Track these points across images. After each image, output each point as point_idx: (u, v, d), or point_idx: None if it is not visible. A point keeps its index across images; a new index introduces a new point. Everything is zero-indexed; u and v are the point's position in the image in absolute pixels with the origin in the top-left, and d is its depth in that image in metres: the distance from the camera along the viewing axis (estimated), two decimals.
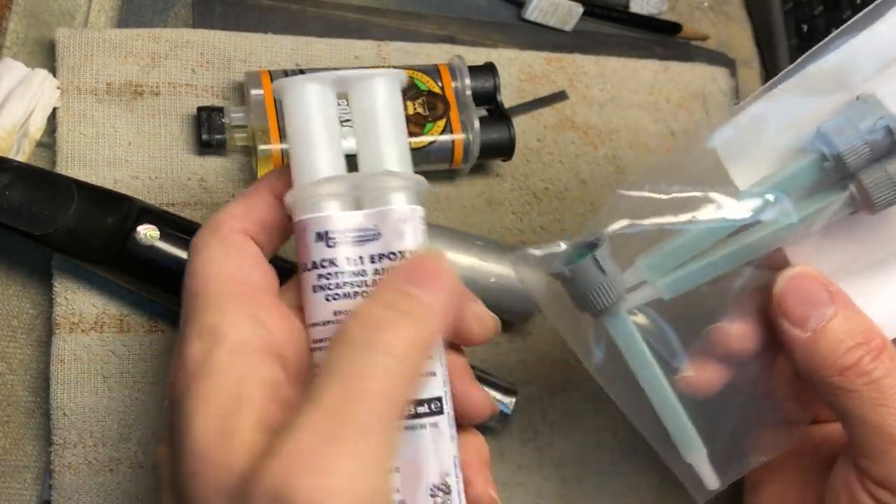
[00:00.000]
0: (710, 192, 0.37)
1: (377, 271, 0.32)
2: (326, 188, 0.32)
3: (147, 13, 0.52)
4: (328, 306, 0.31)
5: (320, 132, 0.33)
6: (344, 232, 0.32)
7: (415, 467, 0.31)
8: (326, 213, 0.32)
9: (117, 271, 0.43)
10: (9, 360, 0.45)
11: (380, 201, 0.32)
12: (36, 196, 0.41)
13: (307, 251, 0.32)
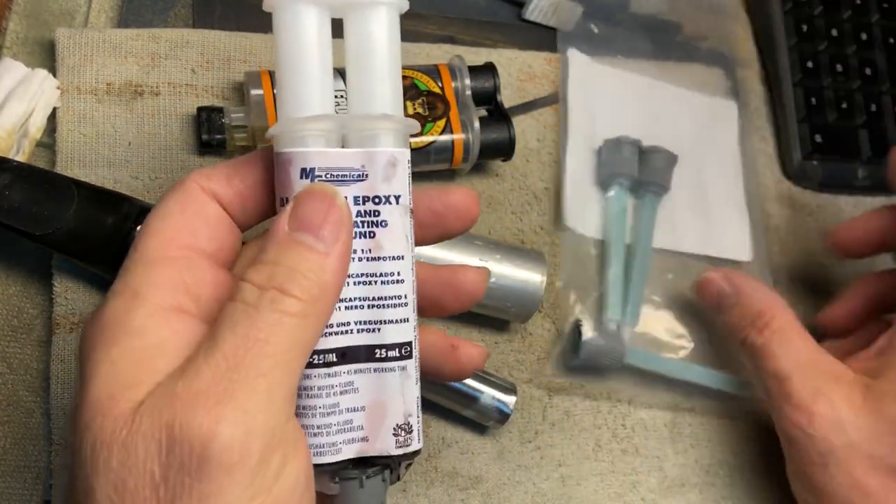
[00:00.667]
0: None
1: (360, 213, 0.31)
2: (316, 125, 0.31)
3: (147, 13, 0.52)
4: None
5: (313, 59, 0.31)
6: (329, 170, 0.31)
7: (381, 407, 0.31)
8: (313, 148, 0.31)
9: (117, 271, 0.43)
10: (9, 360, 0.45)
11: (368, 141, 0.31)
12: (36, 196, 0.41)
13: (289, 187, 0.31)
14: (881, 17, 0.65)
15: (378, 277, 0.31)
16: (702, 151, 0.58)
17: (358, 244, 0.31)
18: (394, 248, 0.31)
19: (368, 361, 0.31)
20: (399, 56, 0.33)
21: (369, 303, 0.31)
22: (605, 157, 0.55)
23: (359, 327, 0.31)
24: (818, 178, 0.61)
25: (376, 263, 0.31)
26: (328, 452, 0.30)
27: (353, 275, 0.31)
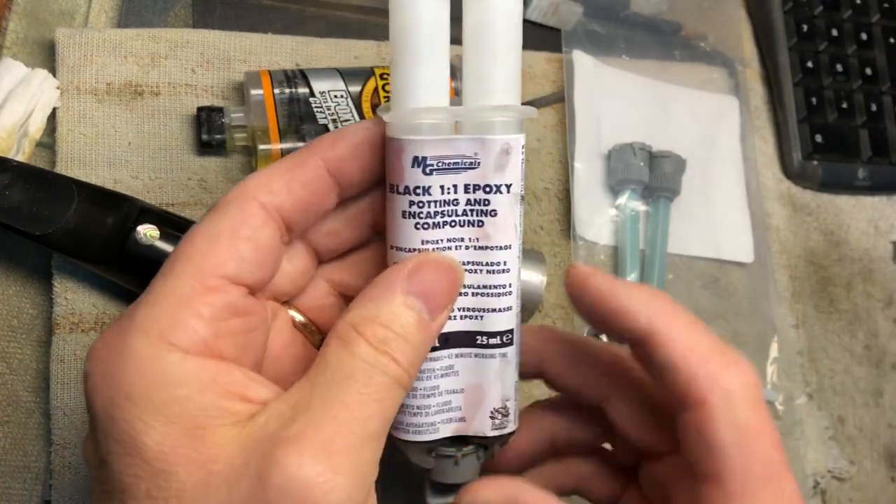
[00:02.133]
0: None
1: (469, 201, 0.31)
2: (431, 115, 0.30)
3: (147, 13, 0.52)
4: (416, 234, 0.31)
5: (430, 44, 0.30)
6: (441, 158, 0.30)
7: (479, 391, 0.32)
8: (426, 136, 0.30)
9: (117, 271, 0.43)
10: (9, 361, 0.45)
11: (483, 129, 0.30)
12: (36, 196, 0.41)
13: (401, 174, 0.30)
14: (881, 17, 0.65)
15: (483, 266, 0.31)
16: (705, 152, 0.58)
17: (465, 232, 0.31)
18: (501, 238, 0.31)
19: (470, 347, 0.32)
20: (520, 39, 0.31)
21: (473, 290, 0.32)
22: (615, 162, 0.55)
23: (462, 314, 0.32)
24: (818, 178, 0.61)
25: (483, 252, 0.31)
26: (426, 432, 0.32)
27: (462, 262, 0.31)
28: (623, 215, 0.54)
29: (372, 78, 0.49)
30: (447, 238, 0.31)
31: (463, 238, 0.31)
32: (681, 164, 0.55)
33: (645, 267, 0.54)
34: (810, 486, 0.54)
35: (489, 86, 0.31)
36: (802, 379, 0.57)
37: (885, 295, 0.61)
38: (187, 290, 0.28)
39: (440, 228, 0.31)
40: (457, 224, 0.31)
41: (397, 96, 0.30)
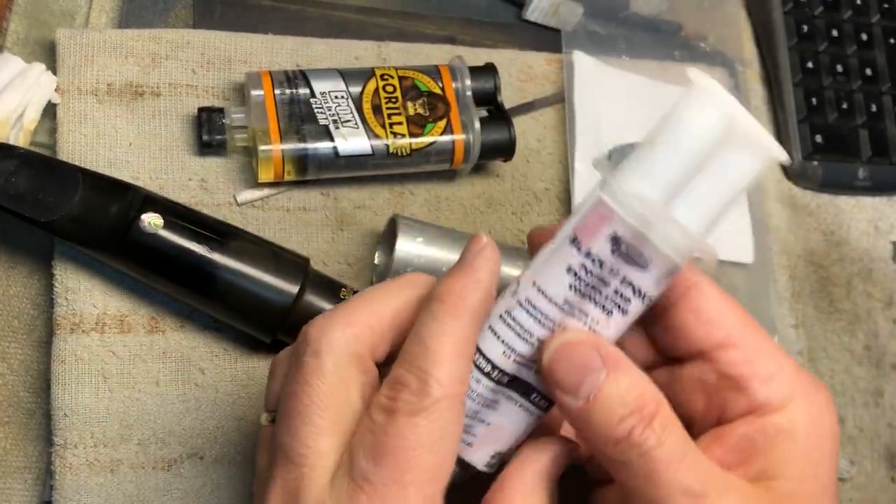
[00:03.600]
0: None
1: (616, 291, 0.32)
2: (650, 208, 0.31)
3: (147, 14, 0.52)
4: (566, 292, 0.32)
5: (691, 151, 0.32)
6: (629, 247, 0.31)
7: (499, 432, 0.33)
8: (635, 223, 0.31)
9: (121, 259, 0.43)
10: (10, 361, 0.45)
11: (671, 244, 0.31)
12: (41, 183, 0.41)
13: (592, 237, 0.31)
14: (881, 17, 0.65)
15: None
16: None
17: (595, 312, 0.32)
18: (612, 332, 0.32)
19: (523, 397, 0.33)
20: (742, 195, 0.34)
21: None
22: (615, 163, 0.54)
23: (536, 367, 0.32)
24: (818, 178, 0.61)
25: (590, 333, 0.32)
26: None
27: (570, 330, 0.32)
28: None
29: (372, 78, 0.49)
30: (580, 308, 0.32)
31: (588, 315, 0.32)
32: None
33: None
34: None
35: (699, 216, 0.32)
36: None
37: (885, 295, 0.61)
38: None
39: (583, 298, 0.32)
40: (595, 303, 0.32)
41: (631, 168, 0.32)
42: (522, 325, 0.32)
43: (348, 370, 0.31)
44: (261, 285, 0.43)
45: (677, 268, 0.32)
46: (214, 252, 0.42)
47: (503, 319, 0.32)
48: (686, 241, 0.31)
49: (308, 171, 0.48)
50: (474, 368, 0.32)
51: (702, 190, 0.32)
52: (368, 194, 0.51)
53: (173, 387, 0.45)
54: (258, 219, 0.48)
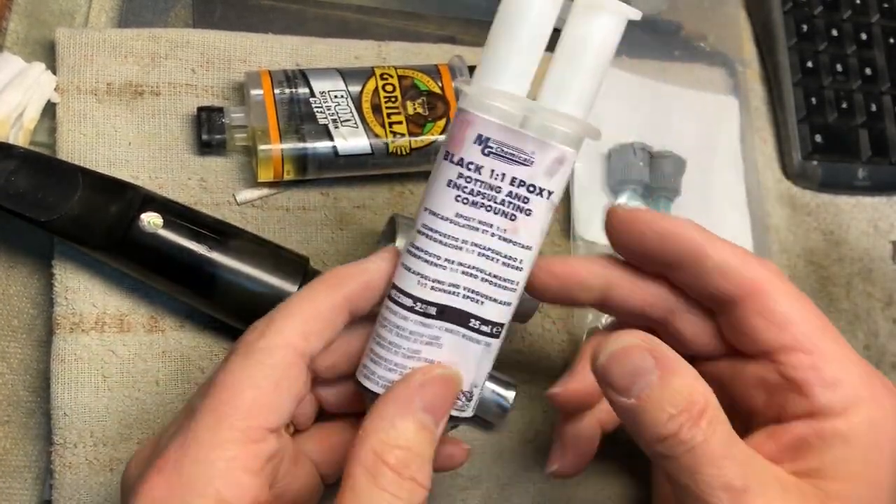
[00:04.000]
0: None
1: (511, 194, 0.32)
2: (508, 102, 0.32)
3: (147, 13, 0.52)
4: (454, 206, 0.32)
5: (530, 36, 0.32)
6: (501, 145, 0.32)
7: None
8: (497, 120, 0.32)
9: (121, 259, 0.43)
10: (9, 360, 0.45)
11: (547, 133, 0.32)
12: (41, 182, 0.41)
13: (461, 146, 0.32)
14: (881, 17, 0.65)
15: (501, 257, 0.33)
16: (705, 153, 0.58)
17: (497, 220, 0.33)
18: (527, 238, 0.33)
19: (461, 326, 0.33)
20: (608, 65, 0.33)
21: (483, 276, 0.33)
22: (615, 162, 0.55)
23: (465, 293, 0.33)
24: (818, 178, 0.61)
25: (505, 244, 0.33)
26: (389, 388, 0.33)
27: (481, 246, 0.33)
28: None
29: (372, 78, 0.49)
30: (478, 219, 0.32)
31: (492, 224, 0.33)
32: (681, 165, 0.55)
33: None
34: None
35: (565, 96, 0.32)
36: None
37: (885, 295, 0.61)
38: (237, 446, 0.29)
39: (476, 208, 0.32)
40: (491, 210, 0.32)
41: (482, 72, 0.32)
42: (427, 250, 0.33)
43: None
44: (260, 284, 0.43)
45: (565, 154, 0.32)
46: (214, 251, 0.43)
47: (410, 252, 0.33)
48: (557, 123, 0.32)
49: (308, 171, 0.48)
50: (396, 305, 0.33)
51: (562, 69, 0.32)
52: (368, 194, 0.51)
53: (173, 386, 0.45)
54: (258, 218, 0.48)
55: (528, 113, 0.32)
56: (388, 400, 0.32)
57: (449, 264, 0.33)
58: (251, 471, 0.30)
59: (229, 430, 0.29)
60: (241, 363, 0.31)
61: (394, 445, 0.30)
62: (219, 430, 0.29)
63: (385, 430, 0.31)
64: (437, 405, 0.32)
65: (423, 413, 0.31)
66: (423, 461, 0.31)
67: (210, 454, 0.29)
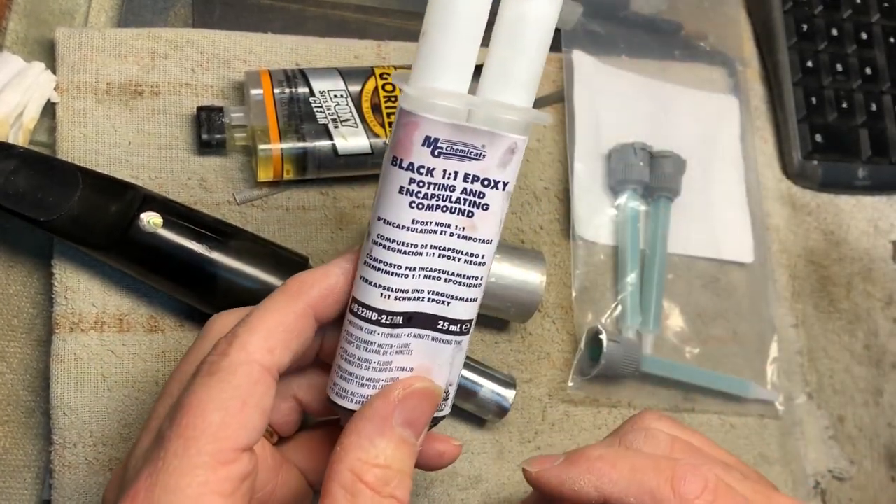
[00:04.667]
0: None
1: (465, 191, 0.31)
2: (452, 100, 0.30)
3: (147, 13, 0.52)
4: (409, 213, 0.31)
5: (468, 27, 0.30)
6: (452, 144, 0.31)
7: (427, 373, 0.33)
8: (444, 119, 0.30)
9: (120, 258, 0.43)
10: (9, 360, 0.45)
11: (493, 123, 0.31)
12: (41, 182, 0.41)
13: (409, 150, 0.30)
14: (881, 16, 0.65)
15: (463, 255, 0.32)
16: (706, 152, 0.58)
17: (454, 220, 0.32)
18: (486, 232, 0.32)
19: (430, 330, 0.33)
20: (548, 46, 0.32)
21: (447, 277, 0.32)
22: (615, 162, 0.55)
23: (430, 297, 0.32)
24: (818, 177, 0.61)
25: (466, 242, 0.32)
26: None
27: (441, 247, 0.32)
28: (623, 215, 0.54)
29: (372, 78, 0.49)
30: (436, 221, 0.31)
31: (450, 224, 0.32)
32: (681, 165, 0.55)
33: (644, 267, 0.54)
34: (811, 487, 0.54)
35: (509, 83, 0.31)
36: (802, 378, 0.57)
37: (885, 294, 0.61)
38: (208, 471, 0.28)
39: (432, 211, 0.31)
40: (447, 210, 0.31)
41: (421, 70, 0.30)
42: (386, 261, 0.31)
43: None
44: (260, 284, 0.43)
45: (516, 142, 0.31)
46: (214, 251, 0.42)
47: (367, 263, 0.32)
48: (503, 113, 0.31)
49: (307, 171, 0.48)
50: (360, 320, 0.32)
51: (500, 57, 0.31)
52: (368, 193, 0.51)
53: None
54: (257, 218, 0.48)
55: (473, 107, 0.31)
56: (365, 417, 0.31)
57: (411, 272, 0.31)
58: (224, 494, 0.28)
59: (198, 455, 0.28)
60: (205, 384, 0.29)
61: (373, 465, 0.30)
62: (187, 455, 0.28)
63: (364, 448, 0.30)
64: (417, 418, 0.32)
65: (402, 428, 0.31)
66: (403, 476, 0.31)
67: (180, 481, 0.28)
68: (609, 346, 0.49)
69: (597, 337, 0.50)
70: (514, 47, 0.31)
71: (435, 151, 0.30)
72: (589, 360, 0.50)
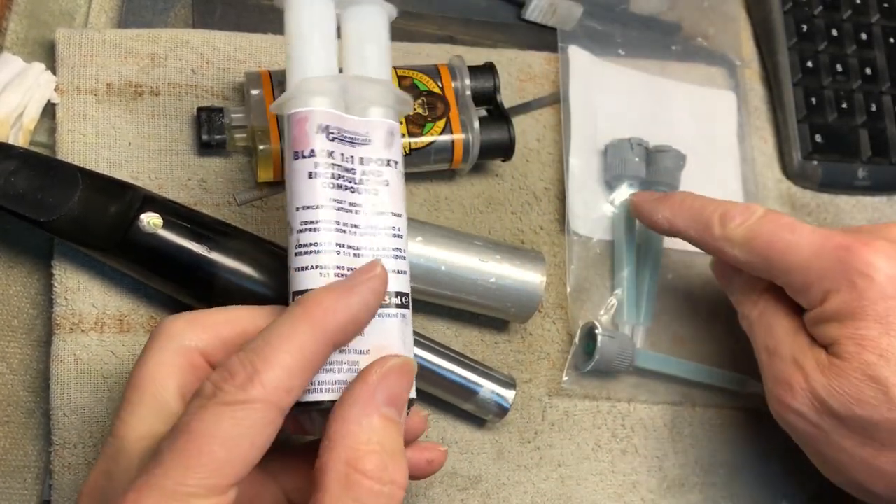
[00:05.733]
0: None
1: (365, 172, 0.35)
2: (329, 85, 0.35)
3: (147, 13, 0.52)
4: (323, 192, 0.34)
5: (321, 36, 0.35)
6: (341, 131, 0.35)
7: (384, 351, 0.34)
8: (330, 109, 0.34)
9: (120, 259, 0.43)
10: (9, 360, 0.45)
11: (368, 112, 0.36)
12: (41, 183, 0.41)
13: (307, 140, 0.34)
14: (881, 17, 0.65)
15: (382, 230, 0.35)
16: (703, 148, 0.58)
17: (366, 199, 0.35)
18: (395, 206, 0.35)
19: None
20: (388, 48, 0.37)
21: (375, 252, 0.34)
22: (611, 157, 0.55)
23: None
24: (818, 178, 0.61)
25: (381, 217, 0.35)
26: (335, 390, 0.33)
27: (361, 226, 0.35)
28: (619, 210, 0.54)
29: None
30: (349, 202, 0.34)
31: (362, 204, 0.35)
32: (680, 159, 0.55)
33: (639, 261, 0.54)
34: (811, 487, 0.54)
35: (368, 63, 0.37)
36: None
37: None
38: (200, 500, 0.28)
39: (343, 191, 0.34)
40: (356, 191, 0.35)
41: (292, 76, 0.35)
42: (316, 241, 0.33)
43: (171, 357, 0.32)
44: (260, 285, 0.43)
45: (393, 127, 0.36)
46: (214, 252, 0.43)
47: (297, 253, 0.33)
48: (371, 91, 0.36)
49: None
50: None
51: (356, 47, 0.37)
52: None
53: None
54: (258, 218, 0.49)
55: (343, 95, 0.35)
56: (348, 402, 0.31)
57: (340, 248, 0.33)
58: None
59: (195, 486, 0.28)
60: (217, 413, 0.29)
61: (366, 449, 0.30)
62: (184, 482, 0.28)
63: (353, 433, 0.30)
64: (398, 395, 0.32)
65: (386, 407, 0.31)
66: (398, 457, 0.30)
67: None
68: (603, 340, 0.49)
69: (591, 332, 0.50)
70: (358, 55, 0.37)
71: (329, 136, 0.34)
72: (583, 354, 0.51)
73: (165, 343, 0.33)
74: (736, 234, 0.44)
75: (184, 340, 0.33)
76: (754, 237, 0.43)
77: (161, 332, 0.33)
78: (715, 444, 0.53)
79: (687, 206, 0.47)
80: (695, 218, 0.46)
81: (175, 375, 0.32)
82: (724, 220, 0.45)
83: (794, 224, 0.43)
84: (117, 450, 0.31)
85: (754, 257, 0.44)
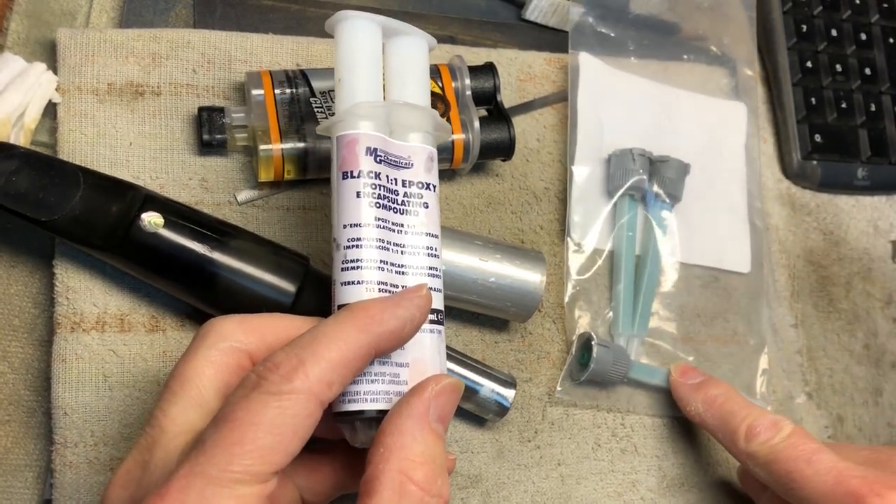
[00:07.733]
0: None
1: (407, 195, 0.37)
2: (376, 110, 0.37)
3: (148, 13, 0.52)
4: (371, 211, 0.35)
5: (369, 63, 0.37)
6: (387, 154, 0.37)
7: (422, 364, 0.36)
8: (378, 133, 0.37)
9: (121, 258, 0.43)
10: (10, 360, 0.45)
11: (409, 137, 0.38)
12: (42, 182, 0.41)
13: (356, 162, 0.36)
14: (881, 17, 0.65)
15: (423, 250, 0.37)
16: (710, 159, 0.58)
17: (409, 220, 0.37)
18: (434, 227, 0.38)
19: None
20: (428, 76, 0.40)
21: (415, 271, 0.37)
22: (615, 167, 0.54)
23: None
24: (818, 177, 0.61)
25: (420, 237, 0.37)
26: (381, 401, 0.34)
27: (403, 245, 0.37)
28: (619, 221, 0.54)
29: None
30: (393, 221, 0.36)
31: (404, 224, 0.37)
32: (683, 169, 0.54)
33: (637, 271, 0.54)
34: None
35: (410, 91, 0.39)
36: (802, 378, 0.57)
37: (885, 294, 0.61)
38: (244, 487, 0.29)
39: (387, 211, 0.36)
40: (398, 212, 0.36)
41: (341, 101, 0.37)
42: (362, 258, 0.35)
43: (218, 355, 0.33)
44: (261, 284, 0.43)
45: (432, 153, 0.38)
46: (214, 251, 0.43)
47: (343, 269, 0.35)
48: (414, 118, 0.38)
49: (308, 171, 0.48)
50: None
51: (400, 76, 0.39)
52: None
53: None
54: (258, 218, 0.49)
55: (391, 110, 0.37)
56: (404, 414, 0.32)
57: (384, 265, 0.35)
58: None
59: (240, 473, 0.29)
60: (262, 402, 0.30)
61: (420, 462, 0.31)
62: (229, 468, 0.29)
63: (408, 446, 0.31)
64: (447, 413, 0.33)
65: (436, 423, 0.32)
66: (444, 472, 0.32)
67: (217, 491, 0.29)
68: (598, 350, 0.49)
69: (587, 342, 0.50)
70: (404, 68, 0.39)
71: (377, 158, 0.36)
72: (578, 364, 0.51)
73: (215, 341, 0.34)
74: (759, 451, 0.44)
75: (233, 341, 0.34)
76: (775, 461, 0.43)
77: (211, 331, 0.34)
78: (714, 444, 0.53)
79: (717, 406, 0.47)
80: (723, 423, 0.46)
81: (221, 373, 0.33)
82: (750, 436, 0.44)
83: (815, 455, 0.42)
84: (154, 440, 0.32)
85: (773, 481, 0.43)
